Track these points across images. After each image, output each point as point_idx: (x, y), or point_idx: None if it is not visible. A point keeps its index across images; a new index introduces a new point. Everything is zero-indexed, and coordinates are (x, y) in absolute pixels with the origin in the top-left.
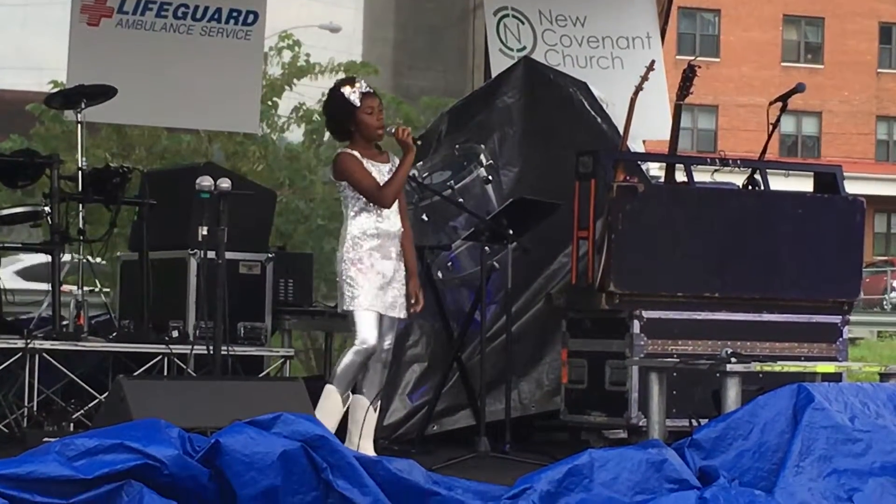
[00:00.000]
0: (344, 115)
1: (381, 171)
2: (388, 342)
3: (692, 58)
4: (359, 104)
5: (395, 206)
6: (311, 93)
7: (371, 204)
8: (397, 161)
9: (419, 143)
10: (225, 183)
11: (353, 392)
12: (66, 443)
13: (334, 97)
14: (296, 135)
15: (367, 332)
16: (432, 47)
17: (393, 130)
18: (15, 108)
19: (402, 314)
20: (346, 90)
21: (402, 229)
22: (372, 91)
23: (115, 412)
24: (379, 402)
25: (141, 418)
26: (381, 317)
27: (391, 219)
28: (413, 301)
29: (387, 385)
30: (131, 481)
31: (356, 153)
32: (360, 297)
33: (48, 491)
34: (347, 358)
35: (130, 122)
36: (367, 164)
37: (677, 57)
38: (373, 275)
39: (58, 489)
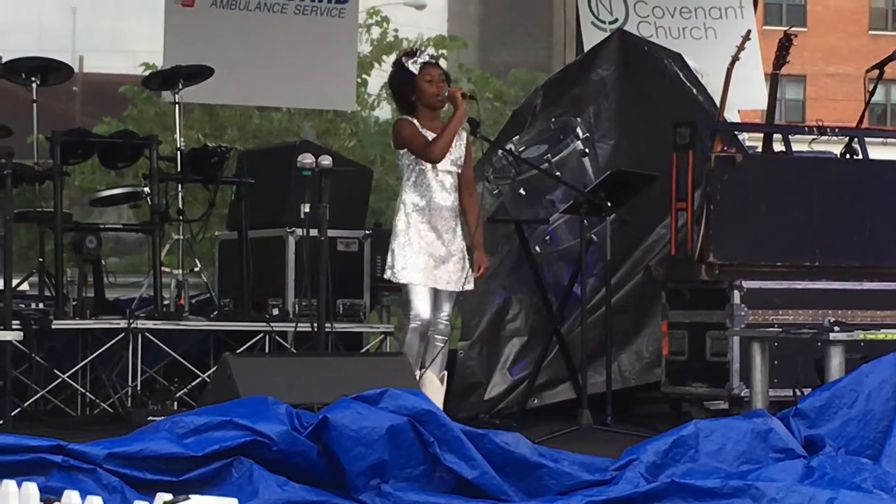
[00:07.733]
0: (404, 84)
1: None
2: (444, 315)
3: (780, 28)
4: (417, 73)
5: (451, 180)
6: None
7: (424, 178)
8: (464, 134)
9: (470, 96)
10: (326, 160)
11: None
12: (175, 420)
13: (395, 68)
14: (385, 111)
15: (419, 307)
16: (517, 22)
17: (447, 93)
18: (107, 92)
19: (459, 287)
20: (405, 59)
21: (457, 203)
22: (434, 61)
23: (222, 390)
24: (445, 375)
25: (248, 395)
26: (433, 290)
27: (444, 193)
28: (475, 271)
29: (487, 360)
30: (241, 458)
31: (414, 120)
32: (408, 270)
33: (158, 468)
34: (408, 336)
35: (226, 102)
36: (427, 134)
37: (764, 27)
38: (422, 249)
39: (168, 466)
